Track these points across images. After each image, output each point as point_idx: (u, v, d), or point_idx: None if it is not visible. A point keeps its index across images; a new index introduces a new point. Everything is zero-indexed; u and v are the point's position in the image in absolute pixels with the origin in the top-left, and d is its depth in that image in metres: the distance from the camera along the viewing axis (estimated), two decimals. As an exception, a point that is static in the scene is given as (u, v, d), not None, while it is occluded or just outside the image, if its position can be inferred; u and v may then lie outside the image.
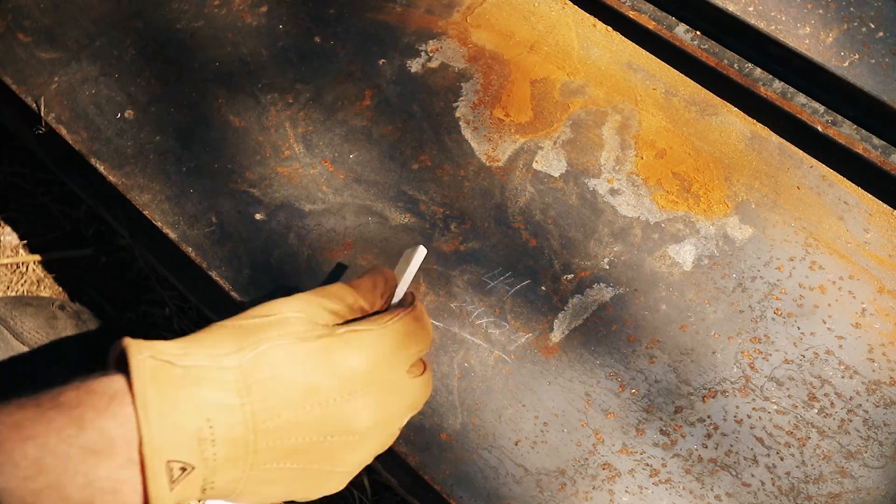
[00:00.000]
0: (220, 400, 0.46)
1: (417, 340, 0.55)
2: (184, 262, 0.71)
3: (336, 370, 0.50)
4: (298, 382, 0.49)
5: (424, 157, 0.72)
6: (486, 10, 0.79)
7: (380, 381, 0.52)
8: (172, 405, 0.45)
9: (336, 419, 0.50)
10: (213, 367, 0.47)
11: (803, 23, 0.71)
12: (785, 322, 0.64)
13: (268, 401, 0.48)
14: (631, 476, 0.60)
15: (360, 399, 0.51)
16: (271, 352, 0.49)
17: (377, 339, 0.53)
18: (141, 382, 0.45)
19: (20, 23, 0.82)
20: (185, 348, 0.48)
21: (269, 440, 0.48)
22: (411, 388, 0.54)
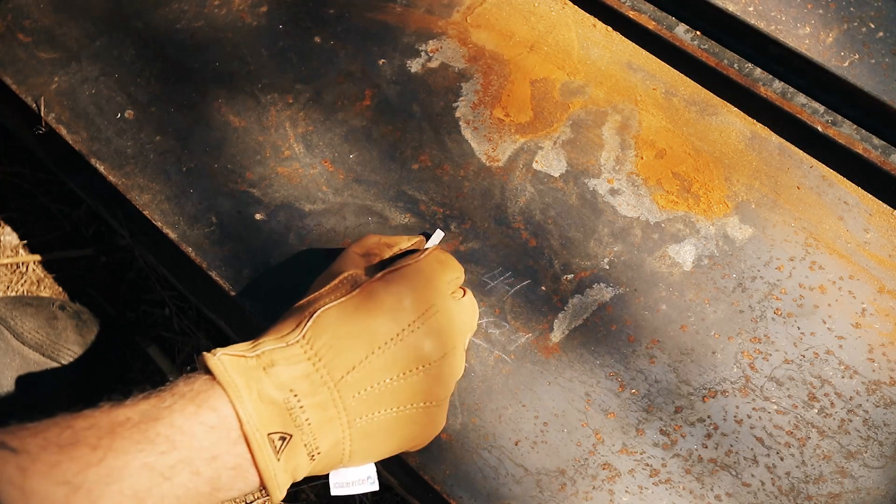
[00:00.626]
0: (296, 372, 0.50)
1: (451, 268, 0.59)
2: (184, 262, 0.71)
3: (387, 309, 0.54)
4: (357, 332, 0.52)
5: (424, 157, 0.72)
6: (486, 10, 0.79)
7: (430, 308, 0.55)
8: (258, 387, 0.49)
9: (406, 353, 0.53)
10: (281, 347, 0.51)
11: (803, 23, 0.71)
12: (785, 322, 0.64)
13: (337, 358, 0.51)
14: (631, 476, 0.61)
15: (421, 328, 0.54)
16: (325, 315, 0.53)
17: (414, 272, 0.56)
18: (224, 375, 0.49)
19: (20, 23, 0.82)
20: (254, 342, 0.52)
21: (353, 392, 0.52)
22: (461, 308, 0.58)
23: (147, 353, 0.93)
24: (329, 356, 0.51)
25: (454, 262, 0.60)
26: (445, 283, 0.57)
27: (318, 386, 0.51)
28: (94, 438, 0.46)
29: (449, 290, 0.57)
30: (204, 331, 0.94)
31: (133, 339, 0.93)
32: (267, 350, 0.51)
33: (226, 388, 0.49)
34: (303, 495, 0.88)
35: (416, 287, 0.55)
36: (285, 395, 0.50)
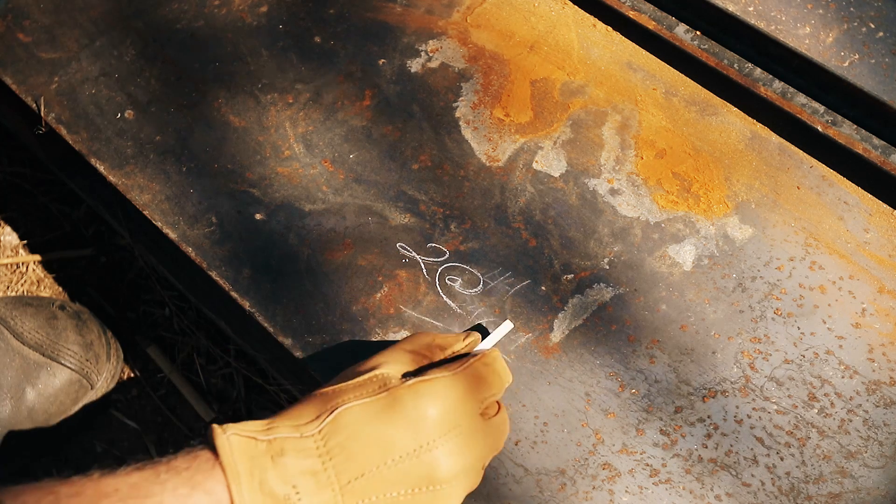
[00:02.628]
0: (303, 466, 0.49)
1: (489, 384, 0.56)
2: (184, 262, 0.71)
3: (409, 421, 0.51)
4: (374, 438, 0.51)
5: (424, 157, 0.72)
6: (486, 10, 0.79)
7: (456, 428, 0.52)
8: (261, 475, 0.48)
9: (419, 471, 0.51)
10: (294, 437, 0.50)
11: (803, 23, 0.71)
12: (785, 322, 0.64)
13: (349, 461, 0.50)
14: (631, 476, 0.60)
15: (440, 448, 0.51)
16: (346, 413, 0.51)
17: (448, 385, 0.53)
18: (228, 458, 0.48)
19: (20, 23, 0.82)
20: (270, 423, 0.51)
21: (357, 499, 0.50)
22: (488, 431, 0.55)
23: (147, 353, 0.93)
24: (341, 457, 0.50)
25: (495, 376, 0.56)
26: (478, 402, 0.54)
27: (323, 486, 0.49)
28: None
29: (479, 409, 0.54)
30: (204, 331, 0.94)
31: (133, 339, 0.93)
32: (280, 437, 0.49)
33: (226, 473, 0.47)
34: None
35: (445, 403, 0.52)
36: (287, 491, 0.48)
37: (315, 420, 0.51)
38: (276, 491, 0.48)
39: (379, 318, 0.66)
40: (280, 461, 0.48)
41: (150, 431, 0.88)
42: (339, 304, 0.67)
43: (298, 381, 0.75)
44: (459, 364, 0.55)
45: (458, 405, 0.53)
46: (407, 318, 0.66)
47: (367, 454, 0.50)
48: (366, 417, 0.51)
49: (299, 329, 0.67)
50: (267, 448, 0.49)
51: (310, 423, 0.51)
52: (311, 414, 0.51)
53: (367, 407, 0.51)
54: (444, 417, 0.52)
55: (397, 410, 0.51)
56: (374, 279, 0.68)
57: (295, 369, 0.72)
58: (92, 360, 0.84)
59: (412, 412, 0.51)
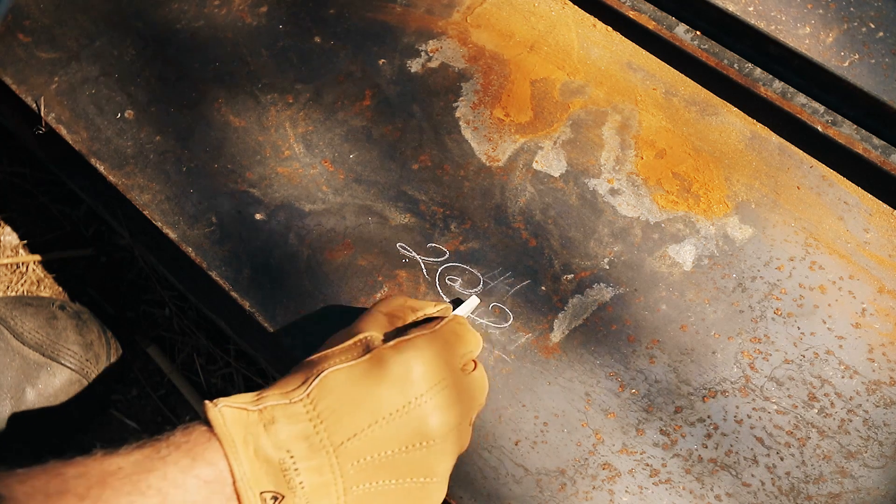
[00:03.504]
0: (296, 431, 0.49)
1: (466, 341, 0.57)
2: (184, 262, 0.71)
3: (395, 379, 0.52)
4: (363, 399, 0.51)
5: (424, 157, 0.72)
6: (486, 10, 0.79)
7: (441, 382, 0.53)
8: (255, 443, 0.48)
9: (410, 427, 0.52)
10: (283, 403, 0.50)
11: (803, 23, 0.71)
12: (785, 322, 0.64)
13: (339, 423, 0.50)
14: (631, 476, 0.60)
15: (428, 403, 0.52)
16: (332, 376, 0.52)
17: (427, 342, 0.54)
18: (222, 428, 0.48)
19: (20, 23, 0.82)
20: (259, 394, 0.51)
21: (352, 459, 0.50)
22: (470, 384, 0.56)
23: (147, 353, 0.92)
24: (331, 420, 0.50)
25: (471, 335, 0.58)
26: (458, 357, 0.56)
27: (316, 449, 0.50)
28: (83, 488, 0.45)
29: (460, 364, 0.56)
30: (204, 331, 0.94)
31: (133, 339, 0.93)
32: (269, 405, 0.50)
33: (222, 442, 0.48)
34: None
35: (428, 359, 0.53)
36: (281, 455, 0.49)
37: (302, 385, 0.51)
38: (271, 457, 0.49)
39: (379, 318, 0.66)
40: (272, 428, 0.49)
41: (150, 431, 0.88)
42: (339, 304, 0.67)
43: (298, 381, 0.75)
44: (436, 323, 0.57)
45: (440, 361, 0.54)
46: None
47: (358, 415, 0.51)
48: (352, 379, 0.52)
49: (299, 329, 0.67)
50: (259, 417, 0.49)
51: (297, 389, 0.51)
52: (298, 381, 0.52)
53: (353, 369, 0.52)
54: (428, 373, 0.53)
55: (383, 370, 0.52)
56: (374, 279, 0.68)
57: (295, 369, 0.72)
58: (92, 360, 0.84)
59: (397, 370, 0.52)
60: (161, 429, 0.50)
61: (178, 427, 0.50)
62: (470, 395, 0.56)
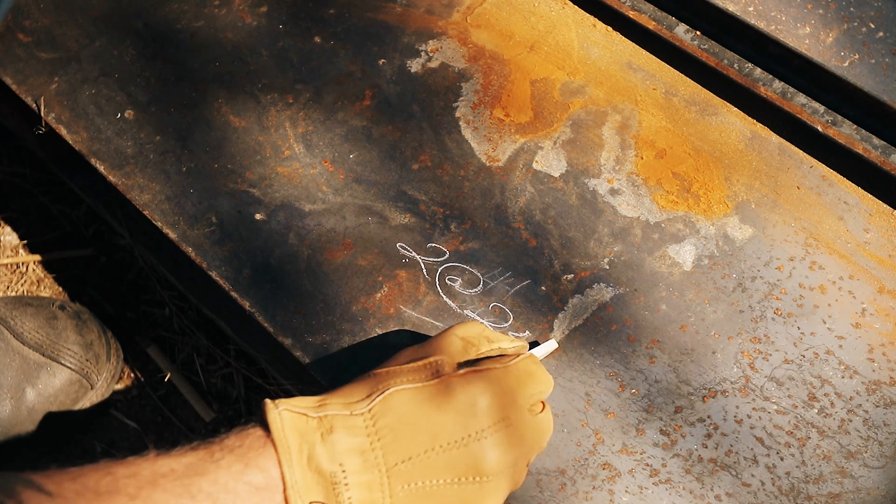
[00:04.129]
0: (352, 444, 0.49)
1: (538, 381, 0.56)
2: (184, 262, 0.71)
3: (460, 409, 0.51)
4: (424, 423, 0.51)
5: (424, 157, 0.72)
6: (486, 10, 0.79)
7: (504, 420, 0.52)
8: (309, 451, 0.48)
9: (466, 460, 0.51)
10: (344, 414, 0.50)
11: (803, 23, 0.71)
12: (785, 322, 0.64)
13: (397, 443, 0.50)
14: (631, 476, 0.60)
15: (488, 439, 0.52)
16: (397, 395, 0.51)
17: (499, 377, 0.53)
18: (279, 433, 0.48)
19: (20, 23, 0.82)
20: (322, 400, 0.51)
21: (403, 482, 0.50)
22: (535, 426, 0.55)
23: (147, 353, 0.93)
24: (389, 438, 0.50)
25: (543, 376, 0.57)
26: (526, 397, 0.55)
27: (369, 466, 0.49)
28: (134, 488, 0.45)
29: (528, 404, 0.55)
30: (204, 331, 0.94)
31: (133, 339, 0.93)
32: (330, 415, 0.50)
33: (278, 448, 0.48)
34: None
35: (495, 394, 0.52)
36: (334, 468, 0.48)
37: (366, 399, 0.51)
38: (323, 468, 0.48)
39: (379, 318, 0.66)
40: (329, 438, 0.49)
41: (150, 431, 0.88)
42: (339, 304, 0.67)
43: (298, 381, 0.75)
44: (510, 358, 0.56)
45: (508, 398, 0.53)
46: (407, 318, 0.66)
47: (416, 438, 0.50)
48: (417, 401, 0.51)
49: (299, 329, 0.67)
50: (318, 425, 0.49)
51: (360, 402, 0.51)
52: (362, 393, 0.52)
53: (419, 391, 0.52)
54: (493, 408, 0.52)
55: (448, 398, 0.52)
56: (374, 279, 0.68)
57: (295, 369, 0.72)
58: (92, 360, 0.84)
59: (463, 400, 0.52)
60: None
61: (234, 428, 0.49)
62: (532, 437, 0.55)
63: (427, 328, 0.66)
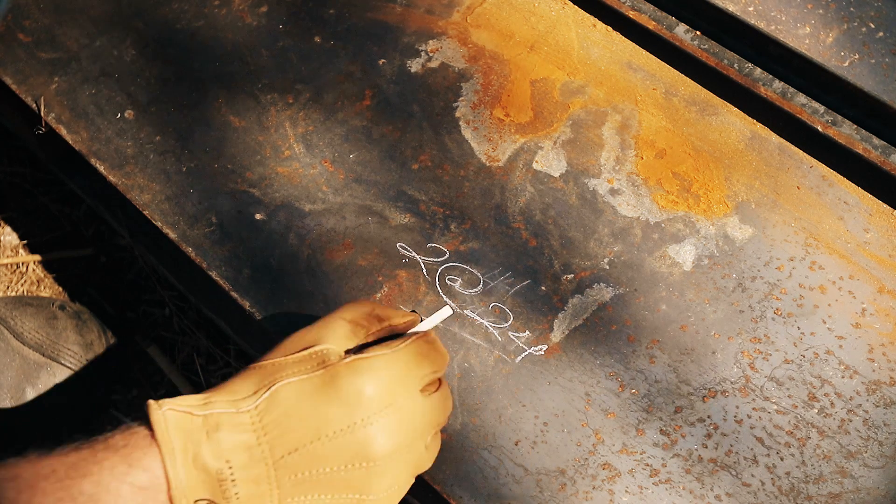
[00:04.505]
0: (238, 441, 0.49)
1: (430, 361, 0.56)
2: (184, 262, 0.71)
3: (345, 398, 0.51)
4: (309, 415, 0.51)
5: (424, 157, 0.72)
6: (486, 10, 0.79)
7: (392, 405, 0.52)
8: (195, 450, 0.48)
9: (352, 447, 0.51)
10: (230, 412, 0.50)
11: (803, 23, 0.71)
12: (785, 322, 0.64)
13: (283, 436, 0.50)
14: (631, 476, 0.61)
15: (374, 425, 0.51)
16: (283, 390, 0.51)
17: (387, 362, 0.53)
18: (163, 434, 0.48)
19: (20, 23, 0.82)
20: (207, 398, 0.51)
21: (290, 474, 0.50)
22: (428, 408, 0.54)
23: (147, 353, 0.93)
24: (275, 433, 0.50)
25: (435, 354, 0.56)
26: (416, 379, 0.54)
27: (256, 461, 0.49)
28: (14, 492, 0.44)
29: (418, 386, 0.54)
30: (204, 331, 0.94)
31: (133, 339, 0.93)
32: (216, 412, 0.49)
33: (161, 448, 0.47)
34: None
35: (382, 381, 0.52)
36: (220, 465, 0.48)
37: (252, 395, 0.51)
38: (209, 465, 0.48)
39: (379, 318, 0.66)
40: (215, 436, 0.48)
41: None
42: (339, 304, 0.67)
43: (298, 381, 0.75)
44: (401, 341, 0.55)
45: (396, 382, 0.53)
46: (407, 318, 0.66)
47: (302, 430, 0.50)
48: (302, 394, 0.51)
49: (299, 329, 0.66)
50: (203, 423, 0.49)
51: (247, 399, 0.51)
52: (248, 389, 0.51)
53: (305, 383, 0.52)
54: (380, 395, 0.52)
55: (334, 387, 0.51)
56: (374, 279, 0.68)
57: (295, 369, 0.72)
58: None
59: (348, 389, 0.51)
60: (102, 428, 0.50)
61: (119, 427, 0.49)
62: (426, 418, 0.54)
63: (427, 328, 0.66)
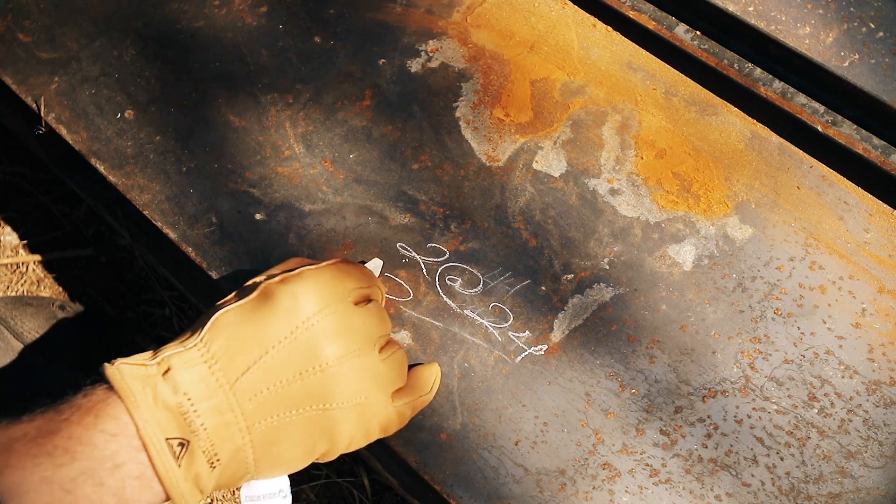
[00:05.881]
0: (192, 375, 0.50)
1: (354, 277, 0.57)
2: (184, 262, 0.71)
3: (281, 309, 0.53)
4: (251, 332, 0.52)
5: (424, 157, 0.72)
6: (486, 10, 0.79)
7: (327, 308, 0.54)
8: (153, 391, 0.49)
9: (300, 351, 0.52)
10: (179, 351, 0.51)
11: (803, 23, 0.71)
12: (785, 322, 0.64)
13: (232, 360, 0.51)
14: (631, 476, 0.61)
15: (314, 327, 0.53)
16: (223, 316, 0.52)
17: (313, 274, 0.55)
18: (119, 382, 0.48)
19: (20, 23, 0.82)
20: (154, 350, 0.52)
21: (249, 395, 0.51)
22: (365, 315, 0.56)
23: (147, 353, 0.92)
24: (224, 358, 0.50)
25: (358, 273, 0.59)
26: (346, 290, 0.56)
27: (213, 389, 0.50)
28: None
29: (349, 297, 0.56)
30: (204, 331, 0.93)
31: (133, 339, 0.93)
32: (166, 355, 0.50)
33: (121, 395, 0.48)
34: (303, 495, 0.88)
35: (313, 288, 0.54)
36: (179, 399, 0.49)
37: (196, 333, 0.52)
38: (169, 402, 0.49)
39: (379, 318, 0.66)
40: (168, 376, 0.49)
41: (150, 431, 0.88)
42: (339, 304, 0.67)
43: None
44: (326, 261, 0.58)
45: (327, 290, 0.54)
46: (407, 318, 0.66)
47: (248, 349, 0.51)
48: (242, 316, 0.52)
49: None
50: (156, 369, 0.50)
51: (191, 337, 0.52)
52: (192, 330, 0.53)
53: (242, 307, 0.53)
54: (314, 301, 0.53)
55: (269, 303, 0.53)
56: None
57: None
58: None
59: (284, 300, 0.53)
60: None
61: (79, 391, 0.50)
62: (363, 323, 0.55)
63: (427, 328, 0.66)
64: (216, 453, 0.50)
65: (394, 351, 0.58)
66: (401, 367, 0.58)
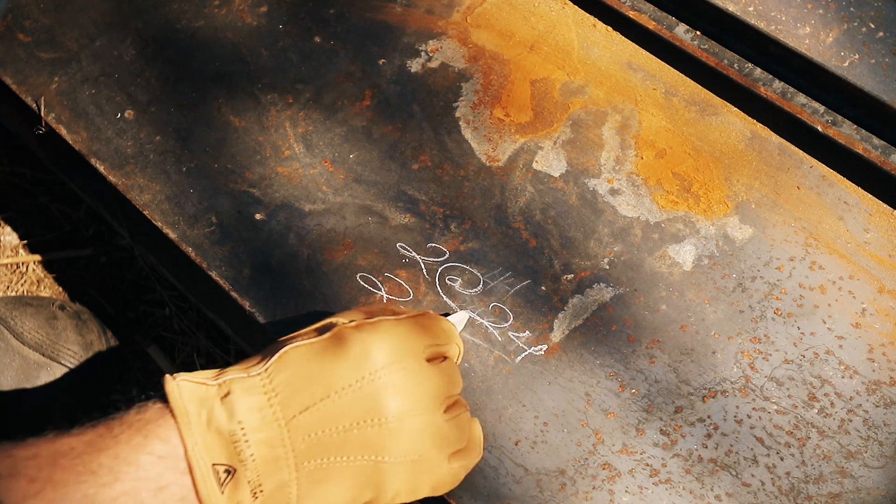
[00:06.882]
0: (250, 403, 0.49)
1: (432, 334, 0.56)
2: (184, 262, 0.71)
3: (351, 355, 0.52)
4: (318, 374, 0.51)
5: (424, 157, 0.72)
6: (486, 10, 0.79)
7: (398, 364, 0.53)
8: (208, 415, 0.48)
9: (362, 402, 0.52)
10: (242, 377, 0.50)
11: (803, 23, 0.71)
12: (785, 322, 0.64)
13: (293, 396, 0.50)
14: (631, 476, 0.61)
15: (382, 380, 0.52)
16: (292, 352, 0.52)
17: (391, 325, 0.54)
18: (177, 401, 0.48)
19: (20, 23, 0.82)
20: (220, 370, 0.52)
21: (303, 434, 0.50)
22: (436, 373, 0.55)
23: (147, 353, 0.93)
24: (285, 393, 0.50)
25: (437, 329, 0.57)
26: (420, 346, 0.55)
27: (268, 421, 0.49)
28: (34, 469, 0.45)
29: (423, 353, 0.55)
30: (204, 331, 0.94)
31: (133, 339, 0.93)
32: (228, 379, 0.50)
33: (175, 415, 0.48)
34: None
35: (386, 341, 0.53)
36: (233, 427, 0.48)
37: (263, 361, 0.52)
38: (222, 428, 0.48)
39: (379, 318, 0.66)
40: (227, 400, 0.49)
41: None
42: (339, 304, 0.67)
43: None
44: (405, 314, 0.57)
45: (401, 344, 0.54)
46: (407, 318, 0.66)
47: (311, 388, 0.51)
48: (311, 354, 0.52)
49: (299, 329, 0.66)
50: (217, 391, 0.50)
51: (257, 364, 0.52)
52: (257, 358, 0.53)
53: (313, 346, 0.53)
54: (386, 353, 0.53)
55: (341, 346, 0.52)
56: (374, 279, 0.68)
57: (295, 369, 0.72)
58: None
59: (355, 347, 0.52)
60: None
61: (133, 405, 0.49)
62: (435, 382, 0.54)
63: (427, 328, 0.66)
64: (261, 484, 0.49)
65: (460, 412, 0.57)
66: (464, 429, 0.57)
